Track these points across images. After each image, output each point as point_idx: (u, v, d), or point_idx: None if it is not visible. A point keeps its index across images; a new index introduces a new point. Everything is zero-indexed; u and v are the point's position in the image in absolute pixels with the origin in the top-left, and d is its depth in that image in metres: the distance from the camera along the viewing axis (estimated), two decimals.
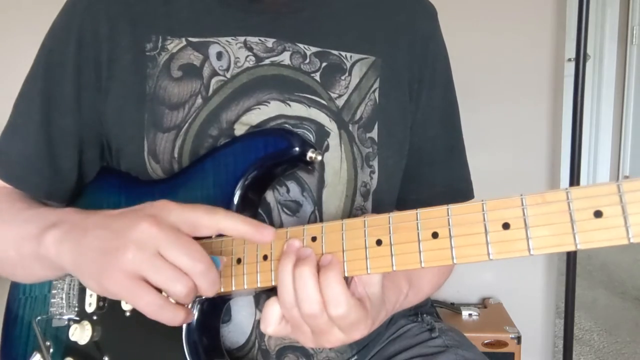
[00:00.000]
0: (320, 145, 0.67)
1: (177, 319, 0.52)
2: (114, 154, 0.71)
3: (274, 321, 0.53)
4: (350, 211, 0.70)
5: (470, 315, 1.76)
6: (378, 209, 0.71)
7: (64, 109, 0.69)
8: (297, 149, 0.61)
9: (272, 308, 0.53)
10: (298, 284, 0.50)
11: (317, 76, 0.69)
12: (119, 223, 0.51)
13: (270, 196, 0.66)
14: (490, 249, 0.44)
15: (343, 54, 0.70)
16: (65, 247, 0.55)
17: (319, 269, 0.51)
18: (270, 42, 0.69)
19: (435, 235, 0.47)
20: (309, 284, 0.50)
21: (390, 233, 0.49)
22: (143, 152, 0.68)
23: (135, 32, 0.68)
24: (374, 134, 0.71)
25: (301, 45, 0.69)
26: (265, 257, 0.55)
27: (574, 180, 1.58)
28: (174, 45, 0.68)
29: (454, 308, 1.80)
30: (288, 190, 0.67)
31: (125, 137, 0.69)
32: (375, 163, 0.71)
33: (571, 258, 1.62)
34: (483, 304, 1.87)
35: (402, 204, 0.78)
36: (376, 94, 0.71)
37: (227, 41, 0.68)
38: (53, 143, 0.70)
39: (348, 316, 0.50)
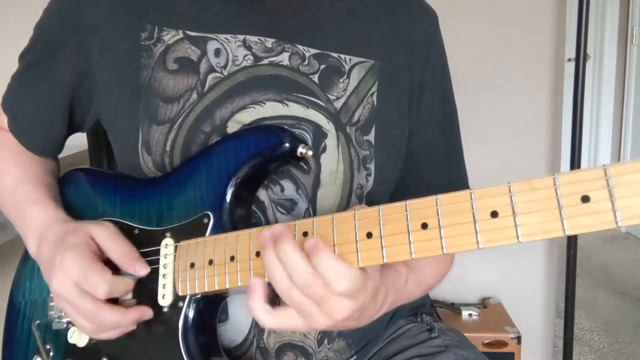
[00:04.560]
0: (318, 146, 0.67)
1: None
2: (112, 141, 0.73)
3: (262, 313, 0.53)
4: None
5: (470, 315, 1.76)
6: None
7: (57, 86, 0.73)
8: (287, 145, 0.61)
9: (254, 304, 0.53)
10: (284, 260, 0.50)
11: (315, 78, 0.69)
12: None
13: (264, 195, 0.66)
14: (479, 237, 0.44)
15: (342, 56, 0.70)
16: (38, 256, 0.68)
17: (307, 253, 0.51)
18: (269, 42, 0.68)
19: (424, 225, 0.47)
20: (293, 255, 0.50)
21: (380, 225, 0.49)
22: (137, 142, 0.68)
23: (130, 21, 0.69)
24: (371, 136, 0.70)
25: (300, 47, 0.69)
26: (258, 254, 0.55)
27: None
28: (170, 36, 0.68)
29: (454, 308, 1.80)
30: (282, 189, 0.67)
31: (121, 127, 0.70)
32: (371, 166, 0.70)
33: (571, 258, 1.62)
34: (483, 304, 1.87)
35: None
36: (374, 97, 0.71)
37: (226, 38, 0.68)
38: (46, 114, 0.75)
39: (354, 288, 0.50)
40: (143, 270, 0.63)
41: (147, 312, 0.62)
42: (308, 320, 0.53)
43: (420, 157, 0.76)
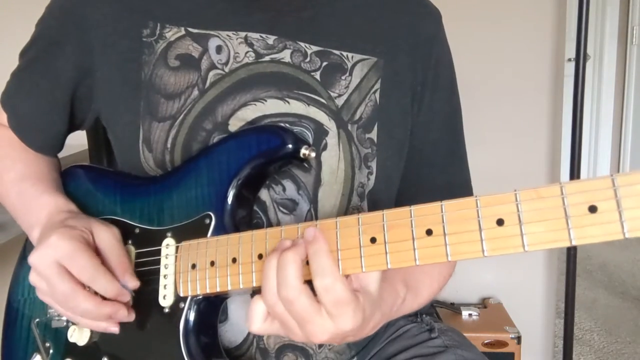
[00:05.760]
0: (319, 143, 0.67)
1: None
2: (112, 139, 0.73)
3: (258, 319, 0.53)
4: (347, 210, 0.69)
5: (470, 315, 1.76)
6: (374, 209, 0.71)
7: (57, 82, 0.72)
8: (290, 146, 0.60)
9: (256, 305, 0.52)
10: (280, 266, 0.50)
11: (317, 75, 0.68)
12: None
13: (265, 195, 0.66)
14: (484, 245, 0.44)
15: (344, 53, 0.70)
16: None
17: (305, 241, 0.50)
18: (271, 39, 0.68)
19: (429, 232, 0.46)
20: (290, 268, 0.49)
21: (384, 231, 0.48)
22: (138, 139, 0.68)
23: (132, 17, 0.69)
24: (374, 134, 0.70)
25: (302, 44, 0.69)
26: (260, 257, 0.55)
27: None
28: (172, 33, 0.68)
29: (454, 308, 1.80)
30: (284, 189, 0.66)
31: (121, 124, 0.70)
32: (373, 164, 0.70)
33: (571, 258, 1.62)
34: (483, 304, 1.87)
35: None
36: (377, 94, 0.71)
37: (228, 35, 0.68)
38: (46, 112, 0.75)
39: (334, 289, 0.49)
40: (131, 282, 0.61)
41: (121, 311, 0.61)
42: (286, 331, 0.53)
43: (421, 157, 0.76)
